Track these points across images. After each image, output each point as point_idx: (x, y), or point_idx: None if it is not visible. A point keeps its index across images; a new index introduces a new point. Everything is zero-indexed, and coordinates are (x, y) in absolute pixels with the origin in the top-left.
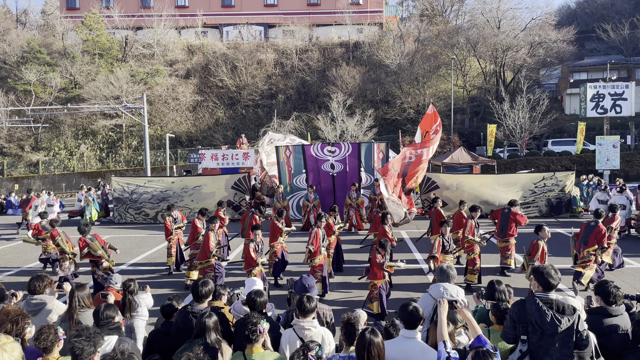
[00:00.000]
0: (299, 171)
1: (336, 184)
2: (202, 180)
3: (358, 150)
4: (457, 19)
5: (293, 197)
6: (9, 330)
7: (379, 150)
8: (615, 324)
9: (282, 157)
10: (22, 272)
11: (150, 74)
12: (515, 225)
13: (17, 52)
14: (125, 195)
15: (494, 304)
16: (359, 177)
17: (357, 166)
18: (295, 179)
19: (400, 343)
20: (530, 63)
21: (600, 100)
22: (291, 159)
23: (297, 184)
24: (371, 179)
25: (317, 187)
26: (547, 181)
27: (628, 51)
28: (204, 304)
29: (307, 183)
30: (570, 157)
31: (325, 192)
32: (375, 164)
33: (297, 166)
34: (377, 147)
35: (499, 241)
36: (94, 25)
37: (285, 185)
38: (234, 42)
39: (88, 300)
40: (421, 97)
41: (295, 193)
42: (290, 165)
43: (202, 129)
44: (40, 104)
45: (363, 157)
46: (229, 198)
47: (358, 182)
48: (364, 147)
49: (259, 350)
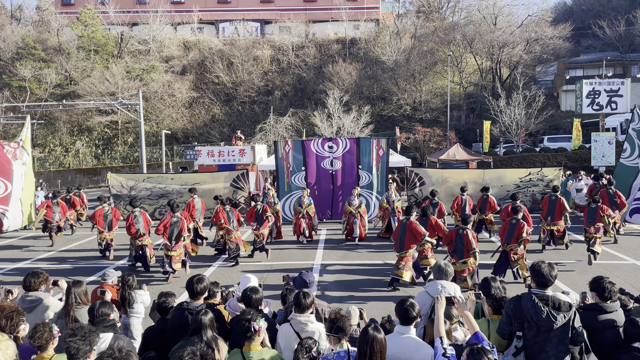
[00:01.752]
0: (298, 168)
1: (335, 183)
2: (201, 177)
3: (357, 147)
4: (454, 15)
5: (291, 197)
6: (4, 326)
7: (378, 146)
8: (609, 320)
9: (280, 153)
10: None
11: (146, 70)
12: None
13: (12, 48)
14: (123, 192)
15: (490, 296)
16: (357, 175)
17: (355, 164)
18: (294, 177)
19: (395, 339)
20: (526, 60)
21: (596, 96)
22: (290, 155)
23: (296, 183)
24: (369, 178)
25: (317, 187)
26: (532, 176)
27: (624, 48)
28: (200, 300)
29: (306, 181)
30: (565, 154)
31: (325, 192)
32: (373, 161)
33: (296, 163)
34: (377, 142)
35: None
36: (89, 21)
37: (283, 183)
38: (230, 39)
39: (85, 297)
40: (417, 94)
41: (293, 192)
42: (289, 161)
43: (198, 125)
44: (35, 100)
45: (361, 154)
46: (228, 195)
47: (356, 180)
48: (362, 143)
49: (257, 347)
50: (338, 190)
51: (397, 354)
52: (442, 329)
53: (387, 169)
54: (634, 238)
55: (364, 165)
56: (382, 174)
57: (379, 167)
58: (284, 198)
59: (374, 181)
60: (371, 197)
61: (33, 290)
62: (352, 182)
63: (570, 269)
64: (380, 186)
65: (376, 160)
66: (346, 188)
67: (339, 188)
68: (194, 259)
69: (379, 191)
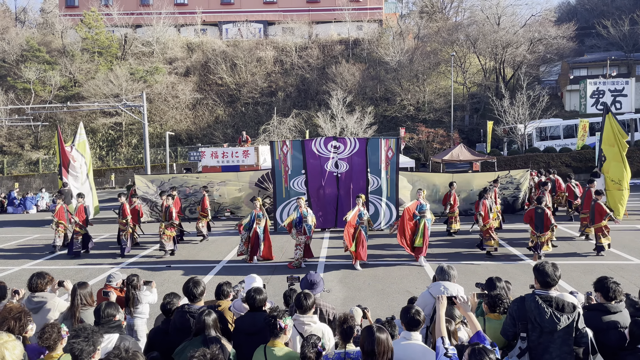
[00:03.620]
0: (298, 172)
1: (340, 188)
2: (227, 175)
3: (366, 148)
4: (457, 15)
5: (289, 204)
6: (12, 327)
7: (387, 147)
8: (613, 321)
9: (277, 154)
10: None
11: (150, 72)
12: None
13: (17, 51)
14: (150, 193)
15: (486, 294)
16: (366, 179)
17: (364, 167)
18: (293, 181)
19: (401, 344)
20: (530, 59)
21: (600, 96)
22: (289, 157)
23: (295, 188)
24: (378, 182)
25: (320, 191)
26: (501, 179)
27: (628, 47)
28: (200, 302)
29: (307, 186)
30: (570, 154)
31: (329, 198)
32: (382, 163)
33: (295, 166)
34: (386, 143)
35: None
36: (93, 23)
37: (281, 189)
38: (234, 40)
39: (90, 298)
40: (421, 94)
41: (292, 199)
42: (287, 164)
43: (201, 126)
44: (39, 102)
45: (369, 156)
46: (254, 195)
47: (366, 185)
48: (371, 143)
49: (280, 345)
50: (345, 195)
51: (403, 359)
52: (443, 329)
53: (398, 171)
54: (638, 238)
55: (372, 168)
56: (392, 177)
57: (388, 170)
58: (282, 205)
59: (383, 186)
60: (380, 204)
61: (39, 291)
62: (361, 187)
63: (573, 269)
64: (390, 191)
65: (385, 162)
66: (354, 193)
67: (346, 193)
68: (199, 262)
69: (388, 197)
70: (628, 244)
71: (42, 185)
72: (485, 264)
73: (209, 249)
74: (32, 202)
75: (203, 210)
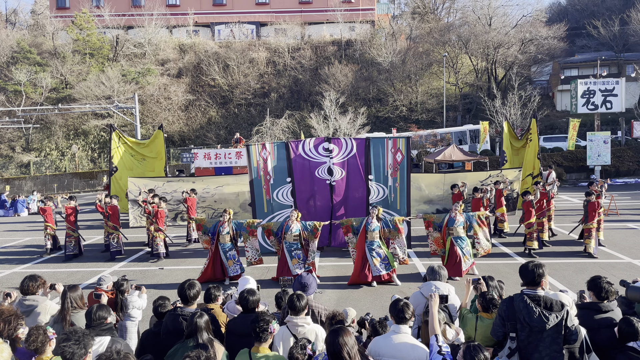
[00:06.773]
0: (282, 180)
1: (334, 198)
2: (224, 179)
3: (366, 150)
4: (449, 16)
5: (274, 220)
6: (1, 330)
7: (394, 148)
8: (605, 320)
9: (255, 161)
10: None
11: (142, 73)
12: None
13: (7, 52)
14: (140, 199)
15: (481, 293)
16: (366, 188)
17: (364, 173)
18: (277, 192)
19: (390, 338)
20: (521, 60)
21: (590, 96)
22: (269, 162)
23: (279, 200)
24: (383, 192)
25: (310, 203)
26: (493, 178)
27: (618, 47)
28: (194, 305)
29: (294, 197)
30: (561, 153)
31: (321, 211)
32: (388, 169)
33: (278, 174)
34: (393, 143)
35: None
36: (84, 24)
37: (261, 203)
38: (226, 41)
39: (81, 301)
40: (413, 95)
41: (277, 213)
42: (268, 172)
43: (194, 128)
44: (30, 105)
45: (372, 160)
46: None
47: (365, 194)
48: (373, 144)
49: (265, 350)
50: (339, 206)
51: (392, 353)
52: (437, 327)
53: (409, 178)
54: (629, 237)
55: (375, 174)
56: (403, 185)
57: (396, 177)
58: (265, 221)
59: (389, 196)
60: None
61: (31, 294)
62: (358, 196)
63: (565, 268)
64: (400, 203)
65: (393, 167)
66: (350, 204)
67: (340, 204)
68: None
69: (397, 210)
70: (619, 242)
71: (34, 187)
72: (478, 263)
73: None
74: (23, 205)
75: (191, 213)
